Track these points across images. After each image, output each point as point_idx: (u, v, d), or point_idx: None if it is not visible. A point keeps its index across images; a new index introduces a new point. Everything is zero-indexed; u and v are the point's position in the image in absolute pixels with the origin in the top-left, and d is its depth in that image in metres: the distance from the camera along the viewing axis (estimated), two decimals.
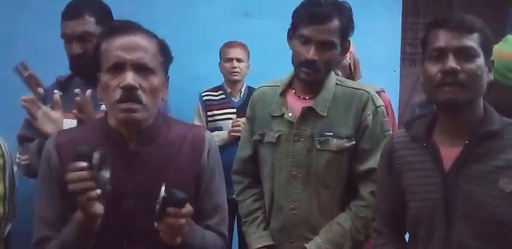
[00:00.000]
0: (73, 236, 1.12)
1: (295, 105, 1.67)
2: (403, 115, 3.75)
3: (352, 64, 2.41)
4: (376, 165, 1.56)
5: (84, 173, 1.03)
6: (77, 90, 1.55)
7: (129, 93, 1.13)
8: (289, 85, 1.72)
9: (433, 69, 1.24)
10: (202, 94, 2.94)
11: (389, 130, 1.67)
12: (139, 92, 1.15)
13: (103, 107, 1.53)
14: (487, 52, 1.25)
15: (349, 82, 1.73)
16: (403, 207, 1.36)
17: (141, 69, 1.16)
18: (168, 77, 1.29)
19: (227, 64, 2.88)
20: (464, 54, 1.22)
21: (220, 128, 2.82)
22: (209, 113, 2.89)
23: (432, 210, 1.28)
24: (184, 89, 3.01)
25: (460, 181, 1.25)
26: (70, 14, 1.74)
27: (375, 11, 3.57)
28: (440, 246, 1.27)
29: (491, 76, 1.28)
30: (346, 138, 1.62)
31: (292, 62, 1.65)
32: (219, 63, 2.95)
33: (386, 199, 1.43)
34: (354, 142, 1.62)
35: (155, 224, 1.09)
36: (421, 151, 1.33)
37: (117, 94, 1.14)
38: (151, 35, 1.22)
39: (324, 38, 1.56)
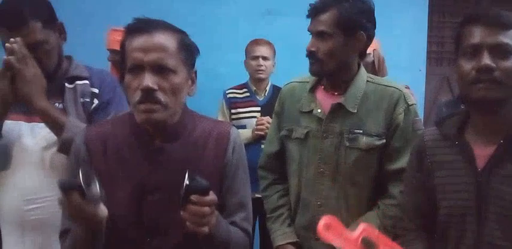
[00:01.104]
0: (81, 236, 1.15)
1: (324, 101, 1.66)
2: (429, 114, 3.68)
3: (376, 62, 2.40)
4: None
5: (76, 206, 1.05)
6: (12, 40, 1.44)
7: (148, 94, 1.14)
8: (319, 81, 1.71)
9: (467, 66, 1.21)
10: (227, 92, 2.93)
11: (421, 129, 1.64)
12: (159, 93, 1.15)
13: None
14: None
15: (381, 80, 1.71)
16: (432, 206, 1.33)
17: (160, 69, 1.16)
18: (195, 71, 1.28)
19: (253, 62, 2.86)
20: (500, 51, 1.18)
21: (243, 127, 2.82)
22: (233, 111, 2.89)
23: (464, 210, 1.26)
24: (205, 88, 3.01)
25: (493, 181, 1.22)
26: (10, 22, 1.49)
27: (401, 9, 3.53)
28: (471, 247, 1.25)
29: None
30: (376, 136, 1.60)
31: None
32: (245, 60, 2.93)
33: (415, 197, 1.41)
34: (384, 140, 1.60)
35: (183, 214, 1.09)
36: (452, 149, 1.30)
37: (137, 95, 1.15)
38: (172, 31, 1.21)
39: (318, 29, 1.58)
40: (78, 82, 1.62)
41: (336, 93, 1.66)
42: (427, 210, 1.36)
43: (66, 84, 1.61)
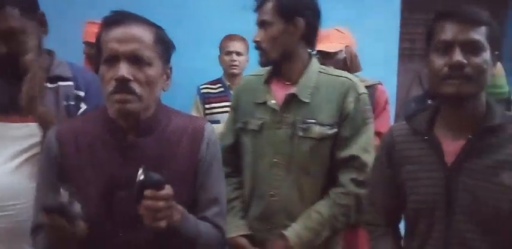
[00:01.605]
0: (53, 241, 1.15)
1: (278, 92, 1.68)
2: (400, 110, 3.74)
3: (348, 58, 2.41)
4: (357, 152, 1.60)
5: (58, 227, 1.05)
6: None
7: (122, 84, 1.14)
8: (273, 73, 1.73)
9: (439, 61, 1.23)
10: (201, 87, 2.93)
11: (371, 118, 1.69)
12: (133, 83, 1.15)
13: None
14: (494, 46, 1.24)
15: (332, 70, 1.74)
16: (400, 200, 1.35)
17: (136, 60, 1.16)
18: (171, 67, 1.28)
19: (227, 58, 2.87)
20: (471, 48, 1.20)
21: (217, 122, 2.81)
22: (207, 106, 2.90)
23: (433, 204, 1.28)
24: (181, 82, 2.98)
25: (462, 175, 1.24)
26: None
27: (374, 5, 3.57)
28: (440, 240, 1.27)
29: (494, 70, 1.27)
30: (329, 125, 1.62)
31: None
32: (219, 56, 2.93)
33: (383, 191, 1.43)
34: (336, 129, 1.62)
35: (141, 210, 1.08)
36: (422, 144, 1.32)
37: (111, 85, 1.15)
38: (149, 25, 1.22)
39: (260, 19, 1.65)
40: (61, 83, 1.51)
41: (288, 83, 1.68)
42: (394, 204, 1.39)
43: (47, 84, 1.50)
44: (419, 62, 4.11)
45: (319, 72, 1.68)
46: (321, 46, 2.35)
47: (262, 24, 1.64)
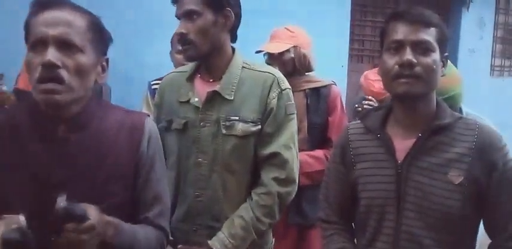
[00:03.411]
0: None
1: (201, 89, 1.62)
2: (348, 110, 3.82)
3: (296, 59, 2.33)
4: (278, 149, 1.56)
5: None
6: None
7: (49, 70, 1.04)
8: (196, 70, 1.67)
9: (391, 61, 1.26)
10: (152, 83, 2.86)
11: (294, 114, 1.64)
12: (62, 71, 1.05)
13: None
14: (443, 47, 1.28)
15: (257, 66, 1.67)
16: (353, 197, 1.38)
17: (66, 45, 1.07)
18: (107, 59, 1.19)
19: (177, 55, 2.82)
20: (421, 48, 1.24)
21: None
22: None
23: (383, 201, 1.31)
24: (131, 77, 2.91)
25: (412, 172, 1.28)
26: None
27: (326, 7, 3.62)
28: (390, 236, 1.30)
29: (444, 71, 1.32)
30: (252, 122, 1.57)
31: None
32: (170, 52, 2.88)
33: (337, 188, 1.44)
34: (259, 126, 1.58)
35: (52, 238, 1.00)
36: (375, 142, 1.35)
37: (38, 72, 1.05)
38: (82, 11, 1.13)
39: (186, 9, 1.53)
40: None
41: (211, 80, 1.62)
42: (347, 201, 1.40)
43: None
44: (368, 63, 4.21)
45: (243, 67, 1.62)
46: (266, 46, 2.32)
47: (188, 14, 1.53)
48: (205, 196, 1.59)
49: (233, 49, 1.66)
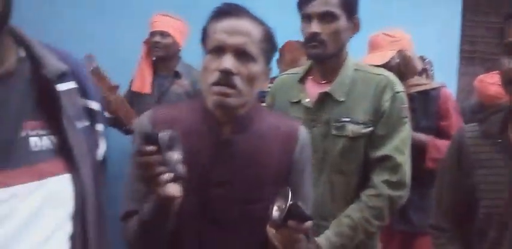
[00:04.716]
0: (151, 217, 1.10)
1: (313, 90, 1.65)
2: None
3: (402, 63, 2.23)
4: (390, 152, 1.55)
5: (151, 158, 0.98)
6: None
7: (225, 76, 1.11)
8: (308, 72, 1.71)
9: (507, 63, 1.19)
10: None
11: (407, 117, 1.62)
12: (236, 78, 1.12)
13: None
14: None
15: (369, 68, 1.69)
16: (470, 204, 1.31)
17: (242, 54, 1.14)
18: (271, 68, 1.25)
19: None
20: None
21: None
22: None
23: (504, 210, 1.23)
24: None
25: None
26: None
27: (435, 8, 3.49)
28: (510, 248, 1.22)
29: None
30: (363, 124, 1.58)
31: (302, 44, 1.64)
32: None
33: (452, 194, 1.38)
34: (371, 128, 1.58)
35: (271, 231, 1.07)
36: (493, 148, 1.28)
37: (214, 76, 1.12)
38: (259, 21, 1.19)
39: (323, 10, 1.55)
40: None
41: (324, 82, 1.65)
42: (463, 208, 1.34)
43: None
44: (479, 65, 3.98)
45: (356, 69, 1.64)
46: (370, 58, 2.22)
47: (326, 15, 1.56)
48: (314, 195, 1.62)
49: (347, 52, 1.68)
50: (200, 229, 1.17)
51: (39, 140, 0.77)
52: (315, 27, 1.56)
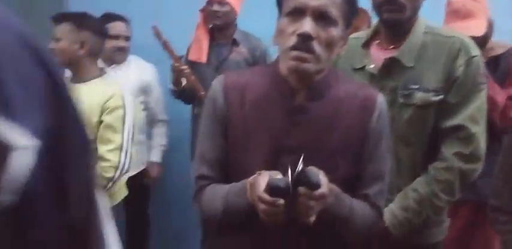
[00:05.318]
0: (239, 217, 1.13)
1: (378, 56, 1.54)
2: None
3: (489, 33, 2.09)
4: (464, 122, 1.44)
5: (278, 210, 1.01)
6: None
7: (304, 41, 1.06)
8: (373, 36, 1.59)
9: None
10: None
11: (484, 84, 1.50)
12: (315, 43, 1.07)
13: None
14: None
15: (442, 30, 1.55)
16: None
17: (322, 17, 1.08)
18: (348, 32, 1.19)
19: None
20: None
21: None
22: None
23: None
24: None
25: None
26: None
27: None
28: None
29: None
30: (434, 91, 1.47)
31: (373, 7, 1.52)
32: None
33: None
34: (442, 96, 1.47)
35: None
36: None
37: (292, 40, 1.08)
38: None
39: None
40: None
41: (391, 47, 1.54)
42: None
43: None
44: None
45: (426, 32, 1.52)
46: (466, 27, 1.98)
47: None
48: None
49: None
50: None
51: None
52: None
